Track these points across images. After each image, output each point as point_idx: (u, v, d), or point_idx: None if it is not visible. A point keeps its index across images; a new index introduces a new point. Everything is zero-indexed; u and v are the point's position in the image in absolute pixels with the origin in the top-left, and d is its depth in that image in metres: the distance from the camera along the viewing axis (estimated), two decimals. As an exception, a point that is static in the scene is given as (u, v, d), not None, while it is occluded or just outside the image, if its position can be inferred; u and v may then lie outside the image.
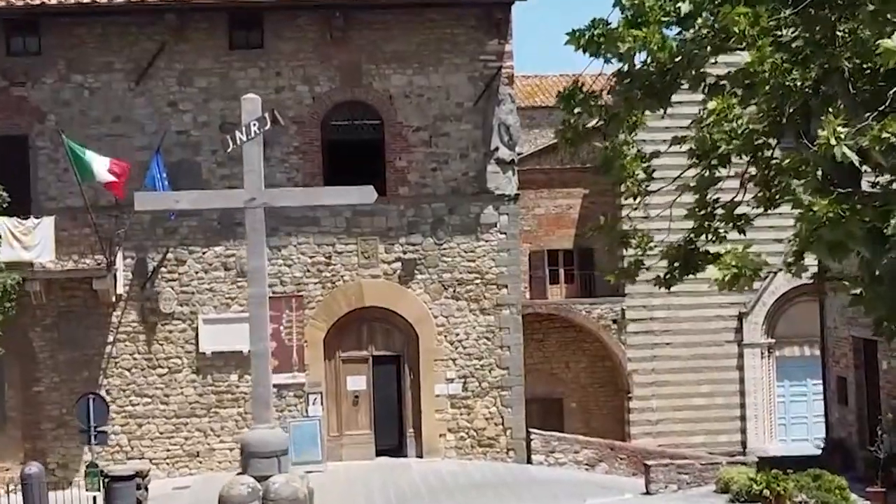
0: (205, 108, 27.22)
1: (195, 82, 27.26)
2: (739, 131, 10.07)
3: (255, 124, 11.64)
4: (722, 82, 11.25)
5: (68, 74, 27.00)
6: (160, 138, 26.59)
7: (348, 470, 26.50)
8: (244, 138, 11.56)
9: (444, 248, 27.52)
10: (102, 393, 25.07)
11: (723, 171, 11.17)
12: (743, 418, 35.68)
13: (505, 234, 27.69)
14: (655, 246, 12.08)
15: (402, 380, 27.95)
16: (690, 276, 12.35)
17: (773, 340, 35.98)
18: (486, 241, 27.59)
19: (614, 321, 35.69)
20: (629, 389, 35.29)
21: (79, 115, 26.98)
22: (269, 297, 27.56)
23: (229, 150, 11.86)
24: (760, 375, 35.89)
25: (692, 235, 11.79)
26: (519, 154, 28.98)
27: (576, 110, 11.60)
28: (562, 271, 37.50)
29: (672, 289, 13.23)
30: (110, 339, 27.04)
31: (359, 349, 27.90)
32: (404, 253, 27.42)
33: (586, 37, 11.24)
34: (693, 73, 10.78)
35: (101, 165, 24.70)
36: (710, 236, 11.46)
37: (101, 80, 27.06)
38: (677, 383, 35.37)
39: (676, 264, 11.91)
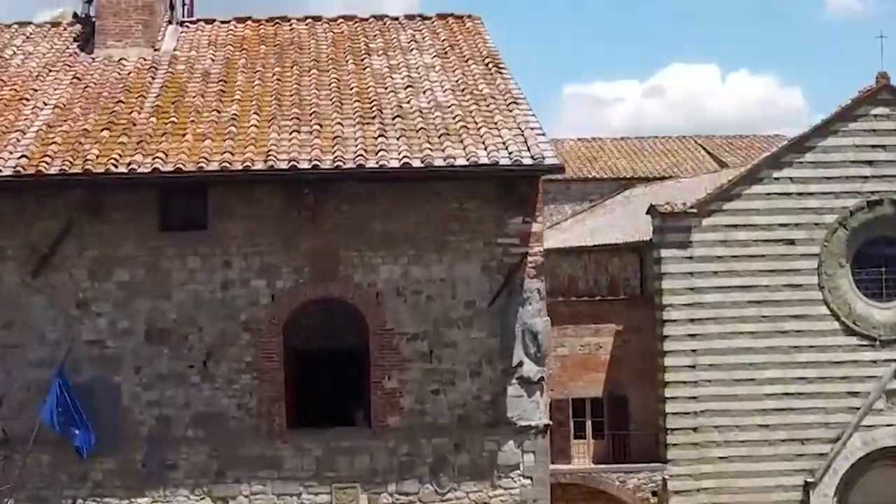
0: (126, 310, 19.29)
1: (114, 275, 19.37)
2: None
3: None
4: None
5: (-58, 265, 19.29)
6: (65, 351, 19.09)
7: None
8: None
9: (449, 499, 19.86)
10: None
11: None
12: None
13: (531, 478, 19.69)
14: None
15: None
16: None
17: (847, 516, 29.41)
18: (506, 489, 19.68)
19: (654, 493, 29.55)
20: (673, 576, 28.91)
21: (-44, 320, 19.37)
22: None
23: None
24: (831, 560, 29.34)
25: None
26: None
27: None
28: (589, 423, 31.14)
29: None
30: None
31: None
32: (395, 506, 19.80)
33: None
34: None
35: None
36: None
37: (-13, 272, 19.35)
38: (731, 569, 28.85)
39: None
